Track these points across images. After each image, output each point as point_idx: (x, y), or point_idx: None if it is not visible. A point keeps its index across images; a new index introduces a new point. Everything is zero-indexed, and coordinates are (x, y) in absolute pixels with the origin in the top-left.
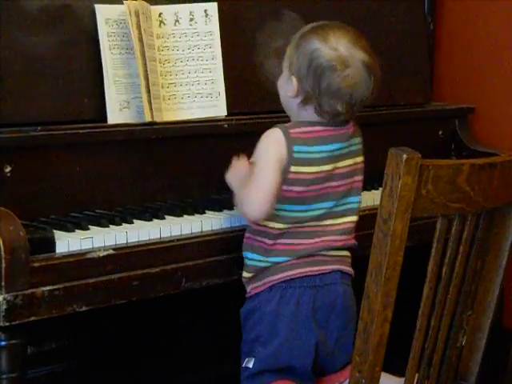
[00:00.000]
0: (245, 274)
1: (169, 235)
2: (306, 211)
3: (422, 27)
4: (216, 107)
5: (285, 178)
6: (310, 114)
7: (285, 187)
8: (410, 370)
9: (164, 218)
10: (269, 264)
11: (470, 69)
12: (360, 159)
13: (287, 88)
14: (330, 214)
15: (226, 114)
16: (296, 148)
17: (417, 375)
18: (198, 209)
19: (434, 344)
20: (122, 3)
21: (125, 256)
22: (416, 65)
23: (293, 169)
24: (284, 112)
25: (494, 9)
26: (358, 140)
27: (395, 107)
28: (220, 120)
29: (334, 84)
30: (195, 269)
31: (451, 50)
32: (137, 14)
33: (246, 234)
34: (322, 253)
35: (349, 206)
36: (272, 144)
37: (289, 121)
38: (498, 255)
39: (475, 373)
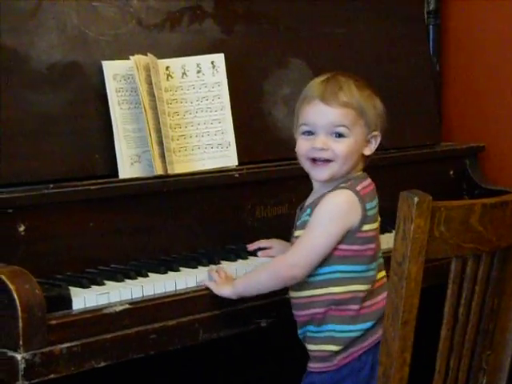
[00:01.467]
0: (331, 348)
1: (184, 287)
2: (378, 267)
3: (428, 68)
4: (227, 157)
5: (360, 236)
6: (363, 162)
7: (363, 247)
8: None
9: (179, 270)
10: (359, 333)
11: (478, 107)
12: None
13: (363, 145)
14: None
15: (236, 163)
16: (368, 206)
17: None
18: (212, 259)
19: None
20: (129, 58)
21: (141, 310)
22: (424, 106)
23: (365, 227)
24: (294, 159)
25: (499, 47)
26: None
27: (405, 149)
28: (231, 170)
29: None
30: (212, 320)
31: (458, 90)
32: (147, 69)
33: (321, 309)
34: None
35: None
36: (345, 212)
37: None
38: None
39: None
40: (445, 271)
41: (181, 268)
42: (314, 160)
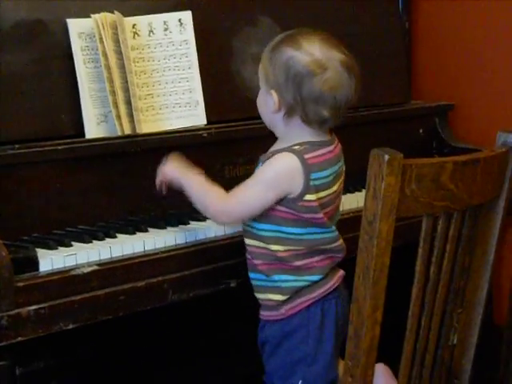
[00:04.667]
0: (277, 297)
1: (153, 248)
2: (328, 232)
3: (398, 26)
4: (195, 116)
5: (302, 205)
6: (297, 126)
7: (307, 215)
8: (402, 370)
9: (147, 231)
10: (306, 283)
11: (447, 66)
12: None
13: (268, 104)
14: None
15: (205, 122)
16: (313, 175)
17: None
18: (181, 220)
19: (426, 344)
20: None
21: (109, 271)
22: (393, 64)
23: (308, 197)
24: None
25: (469, 4)
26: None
27: (374, 108)
28: (199, 129)
29: (316, 89)
30: (181, 280)
31: (428, 48)
32: (113, 26)
33: (265, 261)
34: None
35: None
36: (284, 179)
37: (266, 128)
38: (485, 251)
39: (468, 370)
40: (416, 230)
41: (149, 229)
42: None
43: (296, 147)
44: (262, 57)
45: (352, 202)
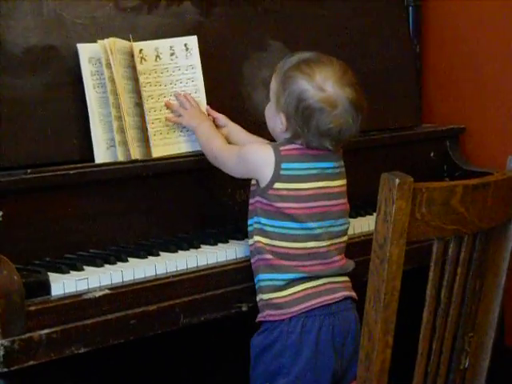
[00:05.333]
0: (262, 297)
1: (164, 272)
2: (305, 229)
3: (408, 50)
4: None
5: (272, 193)
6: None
7: (279, 204)
8: None
9: (159, 255)
10: (283, 283)
11: (458, 89)
12: (345, 181)
13: (276, 122)
14: (328, 234)
15: None
16: (284, 165)
17: None
18: (192, 244)
19: (437, 367)
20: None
21: (121, 295)
22: (404, 88)
23: (277, 185)
24: (272, 141)
25: (479, 29)
26: (343, 162)
27: (386, 131)
28: None
29: (324, 124)
30: (193, 304)
31: (439, 71)
32: (121, 51)
33: (254, 257)
34: (331, 280)
35: (343, 227)
36: (256, 162)
37: None
38: (496, 275)
39: None
40: (427, 253)
41: (161, 252)
42: None
43: (279, 142)
44: (276, 74)
45: (363, 225)
